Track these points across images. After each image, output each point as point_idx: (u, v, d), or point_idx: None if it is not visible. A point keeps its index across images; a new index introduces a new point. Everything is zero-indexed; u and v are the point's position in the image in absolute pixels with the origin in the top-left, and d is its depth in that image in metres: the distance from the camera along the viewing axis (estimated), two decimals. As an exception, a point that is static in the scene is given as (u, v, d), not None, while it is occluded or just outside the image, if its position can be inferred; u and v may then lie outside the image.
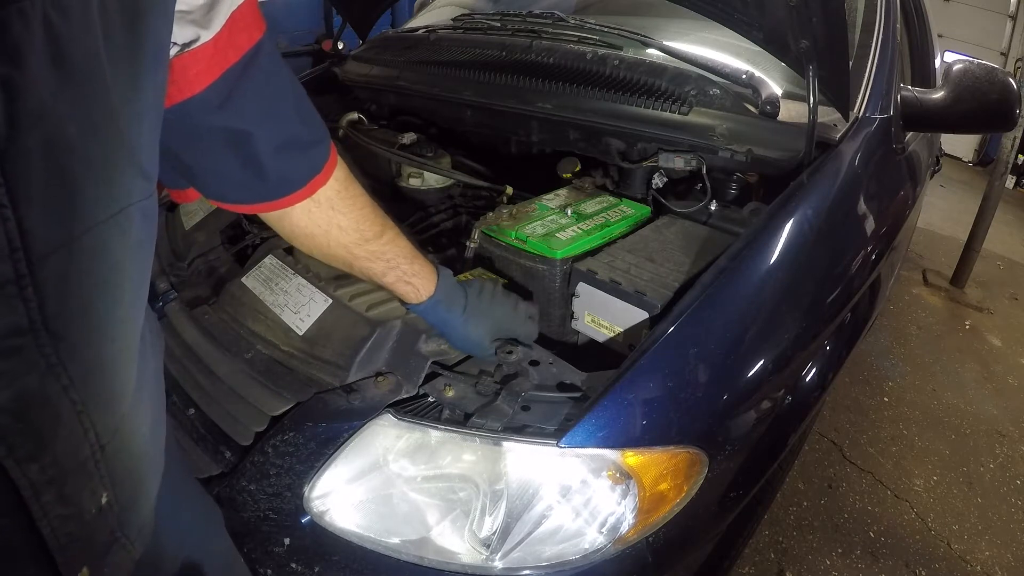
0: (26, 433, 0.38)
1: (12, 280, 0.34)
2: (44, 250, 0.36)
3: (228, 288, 1.05)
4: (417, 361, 0.87)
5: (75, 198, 0.38)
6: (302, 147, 0.64)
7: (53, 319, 0.37)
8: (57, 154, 0.36)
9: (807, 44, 1.02)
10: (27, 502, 0.39)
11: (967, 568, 1.59)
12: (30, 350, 0.36)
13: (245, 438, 0.84)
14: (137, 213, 0.43)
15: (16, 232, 0.34)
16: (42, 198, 0.35)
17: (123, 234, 0.42)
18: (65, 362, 0.39)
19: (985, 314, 2.90)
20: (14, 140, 0.33)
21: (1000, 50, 5.20)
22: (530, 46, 1.44)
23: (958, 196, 4.58)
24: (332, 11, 3.93)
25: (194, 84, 0.53)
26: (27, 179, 0.34)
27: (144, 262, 0.47)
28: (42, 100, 0.34)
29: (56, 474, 0.40)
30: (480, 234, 1.09)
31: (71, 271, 0.38)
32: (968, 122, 1.27)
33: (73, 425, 0.41)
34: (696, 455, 0.81)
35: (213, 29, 0.52)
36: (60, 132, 0.35)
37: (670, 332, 0.82)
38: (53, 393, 0.39)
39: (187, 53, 0.51)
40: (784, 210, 0.98)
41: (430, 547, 0.78)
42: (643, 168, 1.25)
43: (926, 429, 2.08)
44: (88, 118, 0.37)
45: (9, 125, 0.32)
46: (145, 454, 0.52)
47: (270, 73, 0.59)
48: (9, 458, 0.37)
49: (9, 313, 0.35)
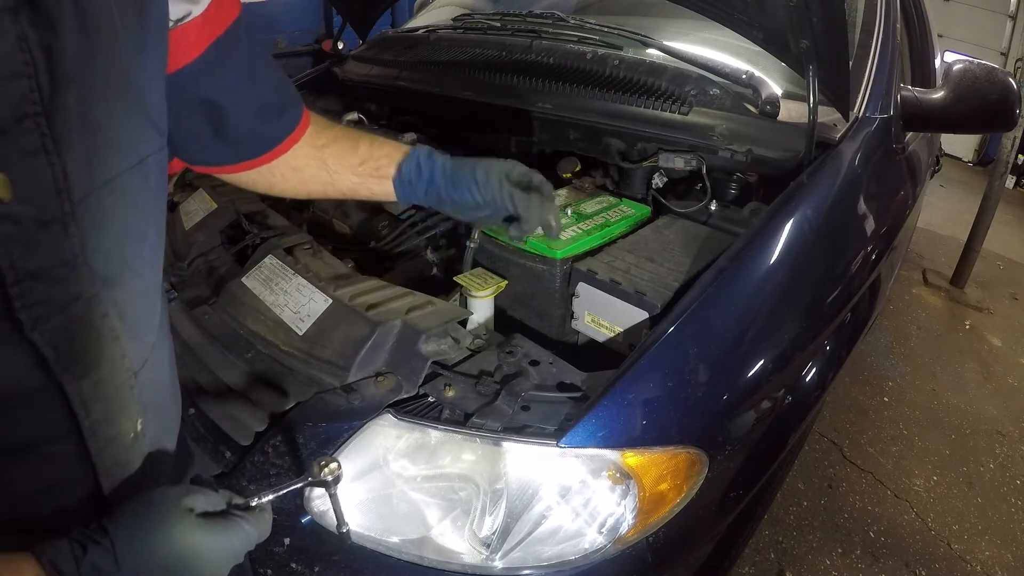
0: (77, 354, 0.44)
1: (59, 217, 0.41)
2: (82, 192, 0.42)
3: (228, 288, 1.05)
4: (417, 361, 0.87)
5: (104, 147, 0.44)
6: (278, 110, 0.70)
7: (91, 254, 0.44)
8: (87, 109, 0.42)
9: (807, 44, 1.02)
10: (79, 420, 0.45)
11: (967, 568, 1.59)
12: (75, 280, 0.43)
13: (245, 438, 0.84)
14: (154, 163, 0.50)
15: (61, 175, 0.40)
16: (79, 146, 0.41)
17: (144, 180, 0.49)
18: (102, 292, 0.45)
19: (985, 314, 2.90)
20: (54, 97, 0.39)
21: (1000, 50, 5.20)
22: (530, 46, 1.44)
23: (958, 196, 4.58)
24: (332, 11, 3.93)
25: (186, 54, 0.58)
26: (67, 130, 0.40)
27: (161, 211, 0.55)
28: (75, 62, 0.40)
29: (102, 393, 0.47)
30: (480, 234, 1.09)
31: (104, 212, 0.45)
32: (968, 122, 1.27)
33: (112, 349, 0.47)
34: (696, 455, 0.81)
35: (202, 5, 0.57)
36: (89, 90, 0.42)
37: (670, 332, 0.82)
38: (95, 319, 0.45)
39: (179, 27, 0.57)
40: (784, 210, 0.98)
41: (430, 547, 0.78)
42: (643, 168, 1.25)
43: (926, 429, 2.08)
44: (109, 78, 0.43)
45: (51, 85, 0.39)
46: (167, 389, 0.59)
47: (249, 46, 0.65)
48: (66, 374, 0.43)
49: (58, 247, 0.41)
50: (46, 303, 0.42)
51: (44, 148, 0.39)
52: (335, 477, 0.57)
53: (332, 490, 0.58)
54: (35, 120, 0.39)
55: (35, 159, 0.39)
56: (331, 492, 0.59)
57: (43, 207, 0.40)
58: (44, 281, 0.41)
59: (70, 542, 0.42)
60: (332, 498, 0.60)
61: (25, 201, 0.39)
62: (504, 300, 1.07)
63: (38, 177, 0.39)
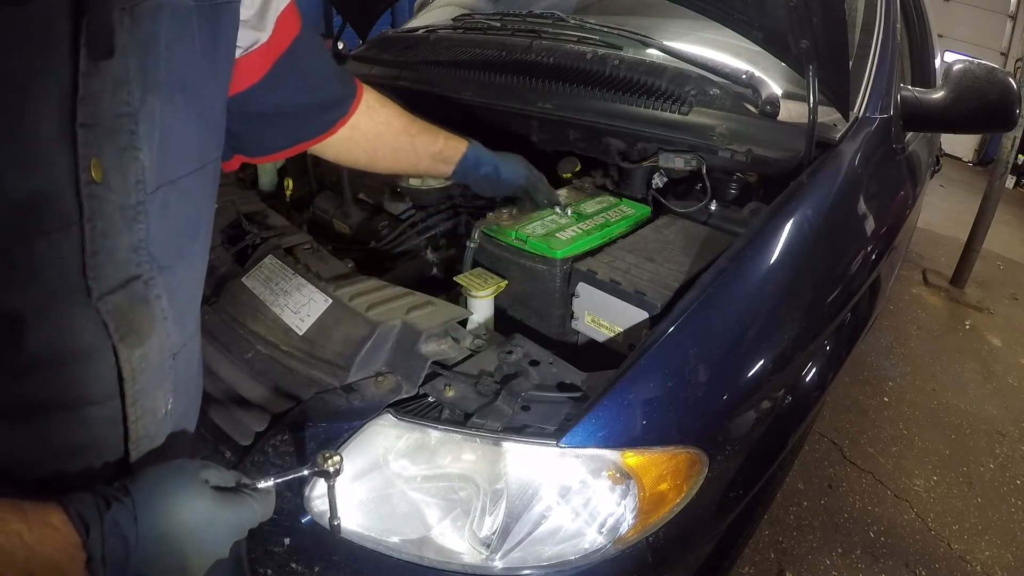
0: (133, 326, 0.50)
1: (134, 205, 0.47)
2: (154, 186, 0.49)
3: (228, 288, 1.05)
4: (417, 361, 0.86)
5: (177, 150, 0.51)
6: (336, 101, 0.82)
7: (154, 241, 0.50)
8: (168, 115, 0.49)
9: (807, 44, 1.02)
10: (124, 387, 0.50)
11: (967, 568, 1.59)
12: (138, 262, 0.49)
13: (245, 438, 0.84)
14: (212, 168, 0.57)
15: (141, 169, 0.47)
16: (157, 147, 0.48)
17: (203, 182, 0.56)
18: (158, 276, 0.51)
19: (985, 314, 2.90)
20: (144, 103, 0.46)
21: (1000, 50, 5.21)
22: (530, 46, 1.44)
23: (958, 196, 4.58)
24: (332, 11, 3.93)
25: (252, 76, 0.66)
26: (150, 132, 0.47)
27: (212, 211, 0.61)
28: (162, 74, 0.48)
29: (148, 366, 0.52)
30: (480, 234, 1.09)
31: (169, 206, 0.51)
32: (968, 122, 1.27)
33: (161, 328, 0.53)
34: (696, 455, 0.81)
35: (267, 32, 0.65)
36: (170, 99, 0.49)
37: (670, 332, 0.82)
38: (151, 299, 0.51)
39: (247, 54, 0.64)
40: (784, 210, 0.98)
41: (430, 547, 0.78)
42: (643, 168, 1.25)
43: (926, 429, 2.08)
44: (186, 91, 0.51)
45: (143, 91, 0.46)
46: (194, 378, 0.65)
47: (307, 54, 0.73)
48: (122, 342, 0.49)
49: (129, 230, 0.48)
50: (112, 277, 0.47)
51: (132, 144, 0.46)
52: (336, 469, 0.60)
53: (332, 481, 0.61)
54: (126, 119, 0.45)
55: (124, 152, 0.46)
56: (330, 483, 0.62)
57: (124, 193, 0.47)
58: (113, 257, 0.47)
59: (94, 496, 0.45)
60: (330, 489, 0.63)
61: (110, 185, 0.45)
62: (504, 300, 1.07)
63: (125, 168, 0.46)
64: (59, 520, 0.42)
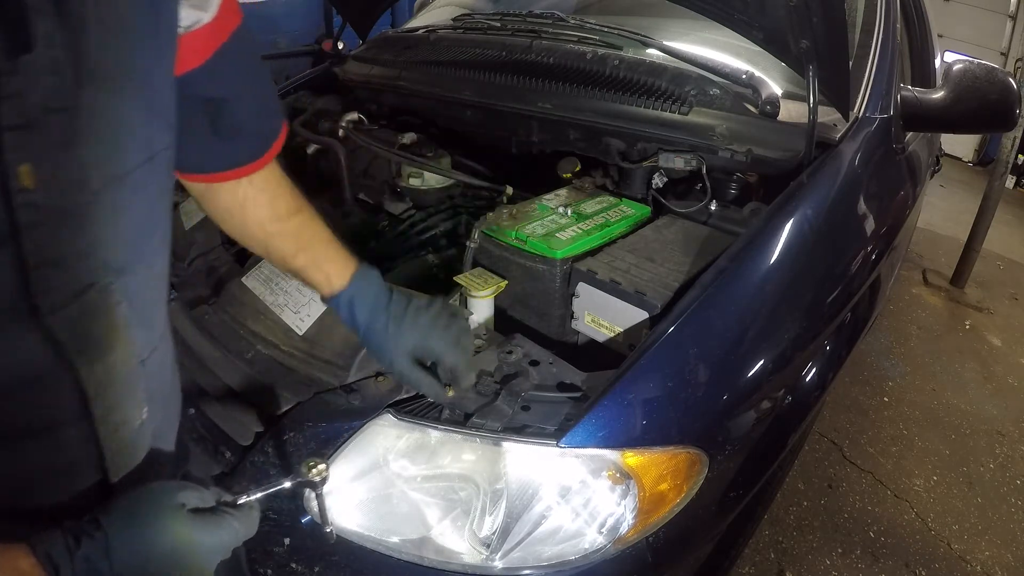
0: (91, 340, 0.46)
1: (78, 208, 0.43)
2: (99, 184, 0.44)
3: (228, 288, 1.05)
4: (417, 361, 0.87)
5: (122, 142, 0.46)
6: (273, 112, 0.72)
7: (106, 244, 0.46)
8: (107, 105, 0.44)
9: (807, 44, 1.02)
10: (90, 405, 0.47)
11: (967, 568, 1.58)
12: (91, 268, 0.45)
13: (245, 438, 0.84)
14: (164, 158, 0.52)
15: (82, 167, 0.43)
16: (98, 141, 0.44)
17: (155, 174, 0.51)
18: (115, 281, 0.47)
19: (985, 314, 2.90)
20: (78, 94, 0.42)
21: (1000, 50, 5.20)
22: (530, 46, 1.44)
23: (958, 196, 4.57)
24: (332, 11, 3.93)
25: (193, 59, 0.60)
26: (88, 125, 0.43)
27: (168, 203, 0.57)
28: (97, 61, 0.42)
29: (113, 378, 0.49)
30: (480, 234, 1.09)
31: (119, 204, 0.47)
32: (968, 122, 1.27)
33: (124, 336, 0.49)
34: (696, 455, 0.81)
35: (210, 12, 0.59)
36: (109, 87, 0.44)
37: (670, 332, 0.82)
38: (109, 306, 0.47)
39: (189, 33, 0.59)
40: (784, 210, 0.98)
41: (430, 547, 0.78)
42: (643, 168, 1.25)
43: (926, 429, 2.08)
44: (127, 76, 0.46)
45: (76, 82, 0.41)
46: (169, 381, 0.62)
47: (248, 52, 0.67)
48: (80, 358, 0.45)
49: (75, 236, 0.44)
50: (63, 289, 0.44)
51: (67, 141, 0.42)
52: (322, 478, 0.58)
53: (319, 490, 0.59)
54: (60, 114, 0.41)
55: (59, 151, 0.41)
56: (317, 492, 0.59)
57: (64, 197, 0.42)
58: (62, 268, 0.43)
59: (64, 534, 0.43)
60: (318, 498, 0.61)
61: (47, 190, 0.41)
62: (504, 300, 1.07)
63: (61, 168, 0.42)
64: (27, 564, 0.40)
